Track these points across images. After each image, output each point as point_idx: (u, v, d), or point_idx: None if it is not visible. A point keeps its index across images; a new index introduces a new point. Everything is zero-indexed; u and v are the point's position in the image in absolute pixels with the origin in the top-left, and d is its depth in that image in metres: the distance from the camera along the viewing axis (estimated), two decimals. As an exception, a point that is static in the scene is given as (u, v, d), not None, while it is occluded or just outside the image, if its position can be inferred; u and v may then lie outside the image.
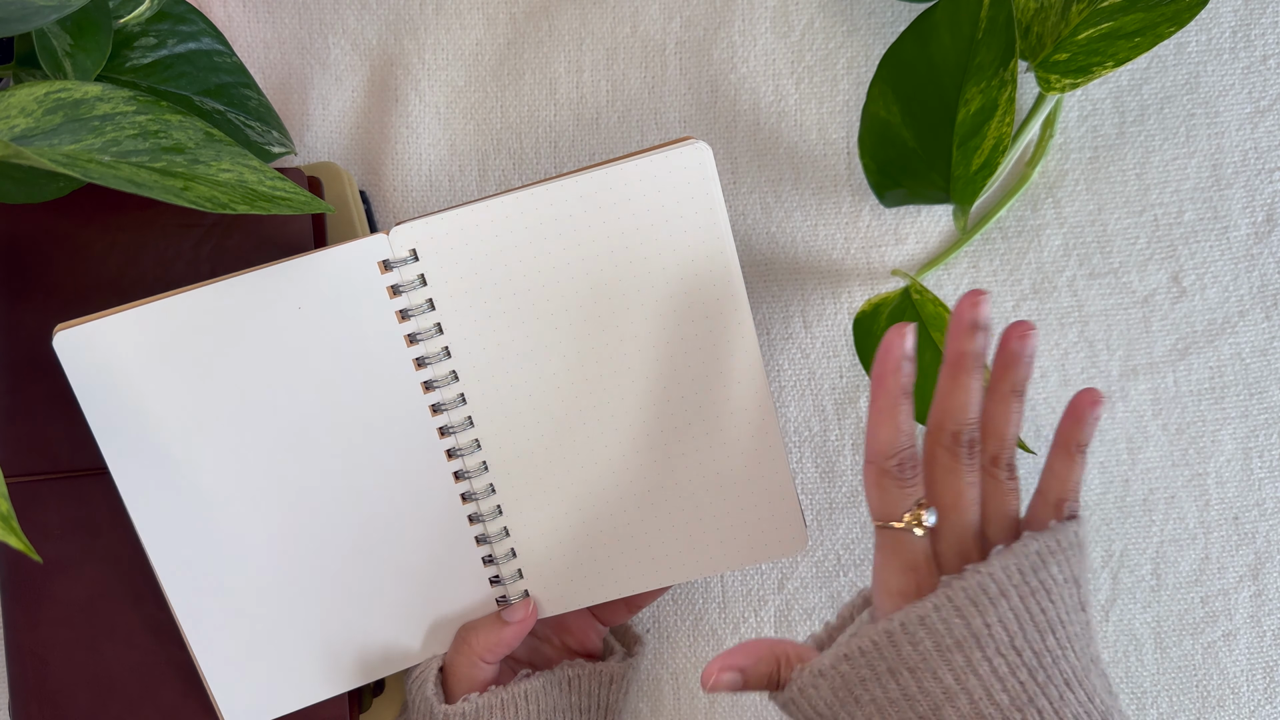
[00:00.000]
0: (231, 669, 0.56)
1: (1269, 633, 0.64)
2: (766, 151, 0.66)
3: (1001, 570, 0.47)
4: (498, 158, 0.67)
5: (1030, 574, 0.48)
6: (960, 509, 0.50)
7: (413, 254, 0.54)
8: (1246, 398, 0.65)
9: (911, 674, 0.47)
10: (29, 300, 0.58)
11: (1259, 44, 0.65)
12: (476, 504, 0.57)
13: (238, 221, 0.59)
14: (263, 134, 0.59)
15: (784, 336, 0.66)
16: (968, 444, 0.49)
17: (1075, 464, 0.51)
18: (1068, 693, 0.47)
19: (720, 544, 0.57)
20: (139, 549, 0.56)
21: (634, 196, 0.53)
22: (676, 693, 0.65)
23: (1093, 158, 0.66)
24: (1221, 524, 0.64)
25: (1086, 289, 0.65)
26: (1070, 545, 0.50)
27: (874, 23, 0.66)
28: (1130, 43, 0.57)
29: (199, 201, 0.46)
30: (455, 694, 0.57)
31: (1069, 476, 0.51)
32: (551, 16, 0.67)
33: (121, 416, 0.53)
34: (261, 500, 0.55)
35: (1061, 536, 0.49)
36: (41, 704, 0.58)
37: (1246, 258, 0.65)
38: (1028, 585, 0.48)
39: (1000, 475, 0.51)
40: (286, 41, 0.67)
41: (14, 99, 0.46)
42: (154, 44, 0.57)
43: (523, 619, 0.57)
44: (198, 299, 0.53)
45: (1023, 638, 0.47)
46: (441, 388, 0.55)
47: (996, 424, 0.51)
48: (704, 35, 0.66)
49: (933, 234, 0.66)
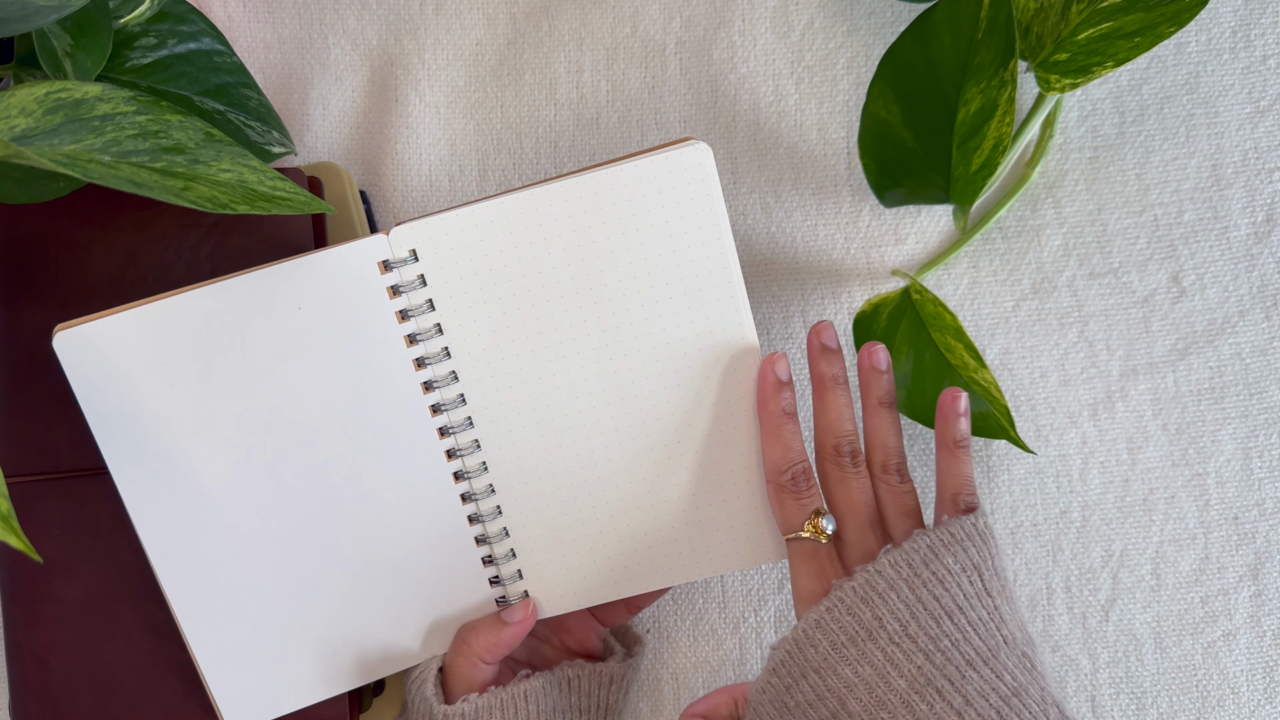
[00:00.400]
0: (231, 669, 0.56)
1: (1269, 633, 0.64)
2: (766, 151, 0.66)
3: (890, 566, 0.51)
4: (498, 158, 0.67)
5: (921, 566, 0.51)
6: (856, 514, 0.54)
7: (413, 254, 0.54)
8: (1246, 398, 0.65)
9: (818, 674, 0.50)
10: (29, 300, 0.58)
11: (1259, 44, 0.65)
12: (476, 504, 0.57)
13: (238, 221, 0.59)
14: (263, 134, 0.59)
15: (784, 336, 0.66)
16: (849, 454, 0.54)
17: (959, 459, 0.55)
18: (970, 672, 0.49)
19: (720, 545, 0.57)
20: (139, 549, 0.56)
21: (634, 197, 0.53)
22: (676, 693, 0.65)
23: (1093, 158, 0.66)
24: (1221, 524, 0.64)
25: (1086, 289, 0.65)
26: (966, 536, 0.52)
27: (874, 23, 0.66)
28: (1130, 43, 0.57)
29: (199, 201, 0.46)
30: (455, 694, 0.57)
31: (957, 471, 0.55)
32: (551, 16, 0.67)
33: (121, 416, 0.53)
34: (261, 500, 0.55)
35: (955, 529, 0.52)
36: (41, 704, 0.58)
37: (1246, 258, 0.65)
38: (918, 577, 0.51)
39: (891, 480, 0.54)
40: (286, 41, 0.67)
41: (14, 99, 0.46)
42: (154, 44, 0.57)
43: (522, 619, 0.57)
44: (198, 299, 0.53)
45: (916, 625, 0.50)
46: (441, 388, 0.55)
47: (875, 434, 0.55)
48: (704, 35, 0.66)
49: (933, 234, 0.66)
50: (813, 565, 0.53)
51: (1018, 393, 0.65)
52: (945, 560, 0.51)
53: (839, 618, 0.50)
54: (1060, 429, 0.65)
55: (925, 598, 0.50)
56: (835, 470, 0.54)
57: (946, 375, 0.61)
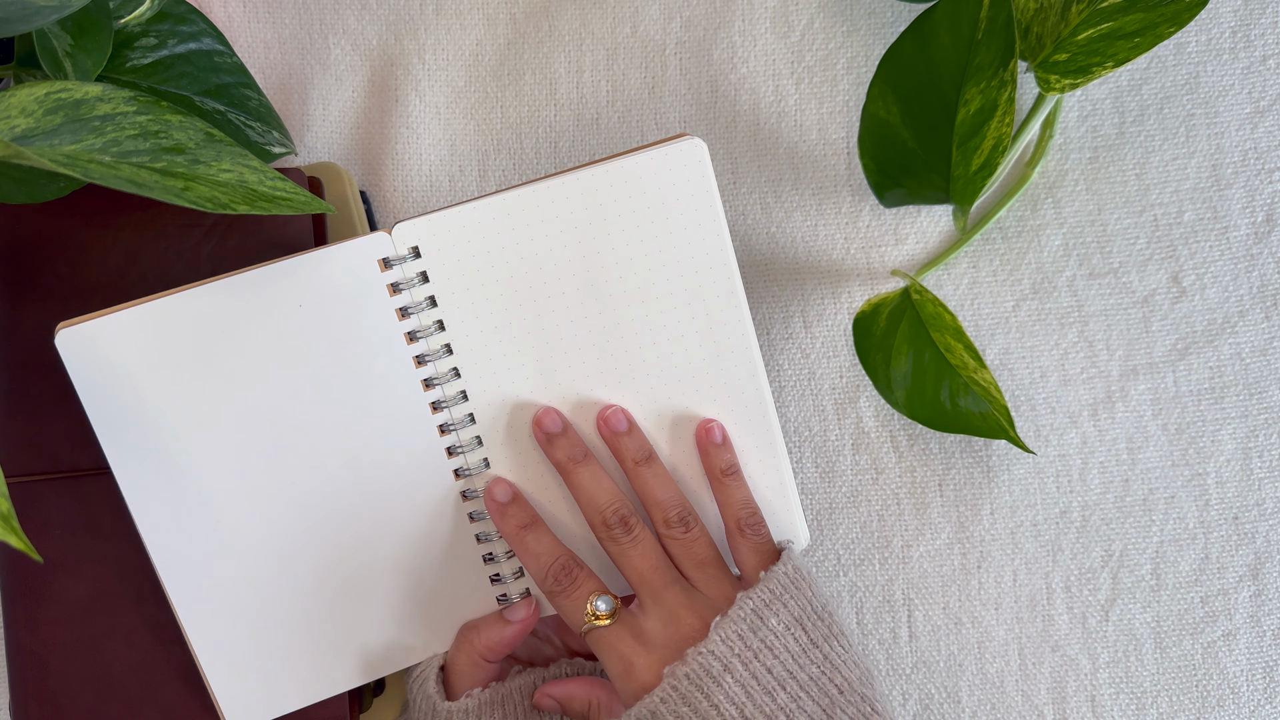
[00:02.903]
0: (232, 668, 0.56)
1: (1269, 633, 0.64)
2: (766, 151, 0.66)
3: (722, 643, 0.50)
4: (498, 158, 0.67)
5: (750, 635, 0.50)
6: (646, 582, 0.53)
7: (414, 252, 0.54)
8: (1246, 398, 0.65)
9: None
10: (30, 300, 0.58)
11: (1259, 44, 0.65)
12: (477, 501, 0.57)
13: (238, 222, 0.59)
14: (263, 134, 0.59)
15: (784, 336, 0.66)
16: (619, 522, 0.53)
17: (731, 486, 0.55)
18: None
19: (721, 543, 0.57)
20: (140, 548, 0.56)
21: (632, 193, 0.53)
22: (676, 692, 0.65)
23: (1093, 158, 0.66)
24: (1221, 524, 0.64)
25: (1086, 289, 0.65)
26: (784, 588, 0.52)
27: (874, 23, 0.66)
28: (1130, 43, 0.57)
29: (199, 202, 0.46)
30: (456, 693, 0.57)
31: (733, 498, 0.55)
32: (551, 16, 0.67)
33: (123, 415, 0.53)
34: (262, 498, 0.55)
35: (773, 584, 0.52)
36: (42, 704, 0.58)
37: (1246, 258, 0.65)
38: (750, 649, 0.50)
39: (675, 533, 0.54)
40: (286, 41, 0.67)
41: (14, 99, 0.46)
42: (154, 44, 0.57)
43: (525, 618, 0.57)
44: (199, 297, 0.53)
45: (751, 706, 0.49)
46: (442, 385, 0.55)
47: (644, 494, 0.55)
48: (704, 35, 0.66)
49: (933, 234, 0.66)
50: (612, 651, 0.52)
51: (1018, 393, 0.65)
52: (770, 622, 0.50)
53: (676, 708, 0.49)
54: (1060, 429, 0.65)
55: (759, 672, 0.49)
56: (612, 545, 0.54)
57: (946, 375, 0.61)
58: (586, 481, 0.54)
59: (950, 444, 0.65)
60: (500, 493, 0.55)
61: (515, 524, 0.55)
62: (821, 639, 0.51)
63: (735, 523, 0.55)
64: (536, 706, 0.56)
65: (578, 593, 0.53)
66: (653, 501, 0.54)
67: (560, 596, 0.54)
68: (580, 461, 0.54)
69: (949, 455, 0.65)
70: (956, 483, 0.65)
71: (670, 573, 0.53)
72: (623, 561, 0.54)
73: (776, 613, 0.51)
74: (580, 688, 0.56)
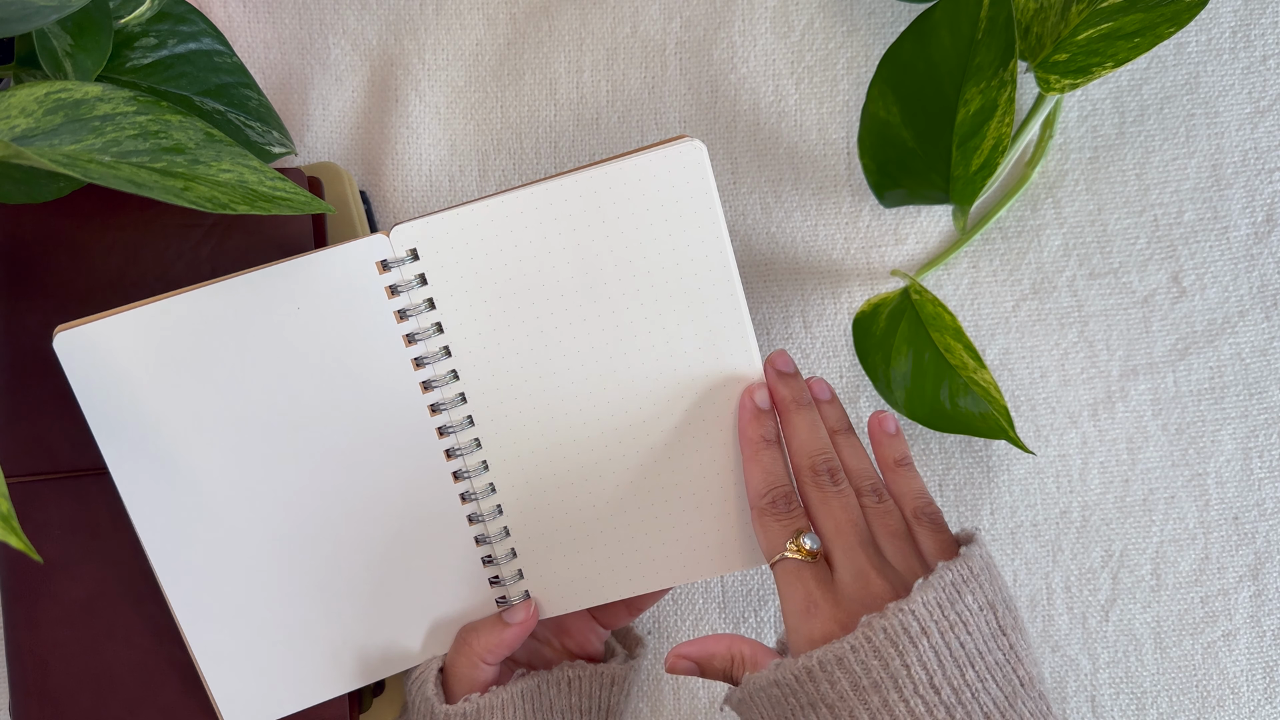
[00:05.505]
0: (231, 669, 0.56)
1: (1269, 633, 0.64)
2: (766, 151, 0.66)
3: (923, 606, 0.49)
4: (498, 158, 0.67)
5: (948, 607, 0.49)
6: (842, 534, 0.52)
7: (412, 254, 0.54)
8: (1246, 398, 0.65)
9: (830, 710, 0.48)
10: (29, 300, 0.58)
11: (1259, 44, 0.65)
12: (476, 503, 0.57)
13: (238, 222, 0.59)
14: (263, 134, 0.59)
15: (784, 336, 0.66)
16: (827, 472, 0.53)
17: (906, 477, 0.55)
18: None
19: (721, 545, 0.57)
20: (139, 549, 0.56)
21: (631, 195, 0.53)
22: (677, 694, 0.65)
23: (1093, 158, 0.66)
24: (1221, 524, 0.64)
25: (1086, 289, 0.65)
26: (982, 570, 0.51)
27: (874, 23, 0.66)
28: (1130, 43, 0.57)
29: (199, 202, 0.46)
30: (456, 695, 0.57)
31: (908, 488, 0.55)
32: (551, 16, 0.67)
33: (121, 417, 0.53)
34: (261, 500, 0.55)
35: (973, 563, 0.51)
36: (41, 704, 0.58)
37: (1246, 258, 0.65)
38: (946, 620, 0.49)
39: (869, 502, 0.54)
40: (286, 41, 0.67)
41: (14, 99, 0.46)
42: (154, 44, 0.57)
43: (524, 620, 0.57)
44: (197, 299, 0.53)
45: (941, 675, 0.48)
46: (440, 387, 0.55)
47: (841, 462, 0.55)
48: (704, 35, 0.66)
49: (933, 234, 0.66)
50: (801, 589, 0.51)
51: (1018, 393, 0.65)
52: (966, 599, 0.50)
53: (865, 660, 0.48)
54: (1060, 429, 0.65)
55: (952, 644, 0.49)
56: (815, 491, 0.53)
57: (946, 375, 0.61)
58: (804, 425, 0.54)
59: (950, 444, 0.65)
60: (762, 399, 0.55)
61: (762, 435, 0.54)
62: (1009, 628, 0.51)
63: (912, 512, 0.54)
64: (671, 671, 0.55)
65: (788, 522, 0.53)
66: (847, 469, 0.54)
67: (771, 518, 0.53)
68: (804, 405, 0.55)
69: (949, 455, 0.65)
70: (956, 483, 0.65)
71: (866, 533, 0.53)
72: (822, 509, 0.53)
73: (973, 590, 0.50)
74: (719, 644, 0.54)
